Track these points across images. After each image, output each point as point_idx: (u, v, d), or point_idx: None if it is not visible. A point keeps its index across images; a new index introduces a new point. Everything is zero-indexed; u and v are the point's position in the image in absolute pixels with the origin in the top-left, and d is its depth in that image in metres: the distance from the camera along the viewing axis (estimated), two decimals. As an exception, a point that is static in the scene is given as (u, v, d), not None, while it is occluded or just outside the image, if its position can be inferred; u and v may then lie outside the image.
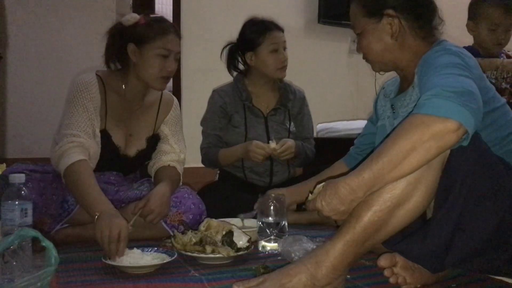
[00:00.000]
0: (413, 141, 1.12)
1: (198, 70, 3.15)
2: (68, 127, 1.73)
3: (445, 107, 1.12)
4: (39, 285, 1.08)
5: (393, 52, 1.49)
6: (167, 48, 1.80)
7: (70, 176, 1.65)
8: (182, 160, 2.00)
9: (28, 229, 1.17)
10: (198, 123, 2.41)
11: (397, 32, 1.47)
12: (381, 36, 1.49)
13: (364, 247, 1.21)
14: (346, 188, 1.19)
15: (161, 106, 2.00)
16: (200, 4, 3.17)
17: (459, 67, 1.25)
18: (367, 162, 1.18)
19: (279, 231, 1.68)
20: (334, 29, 3.56)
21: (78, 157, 1.67)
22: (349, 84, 3.69)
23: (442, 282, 1.38)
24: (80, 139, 1.72)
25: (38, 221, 1.63)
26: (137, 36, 1.80)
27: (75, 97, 1.77)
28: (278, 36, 2.30)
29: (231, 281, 1.30)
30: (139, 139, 1.92)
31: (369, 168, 1.16)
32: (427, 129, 1.11)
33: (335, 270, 1.18)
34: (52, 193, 1.71)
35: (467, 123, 1.12)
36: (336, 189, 1.20)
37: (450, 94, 1.14)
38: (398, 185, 1.17)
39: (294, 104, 2.42)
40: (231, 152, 2.28)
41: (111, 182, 1.92)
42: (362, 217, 1.18)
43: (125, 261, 1.43)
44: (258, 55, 2.30)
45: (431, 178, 1.19)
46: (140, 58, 1.81)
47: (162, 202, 1.74)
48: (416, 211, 1.21)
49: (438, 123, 1.11)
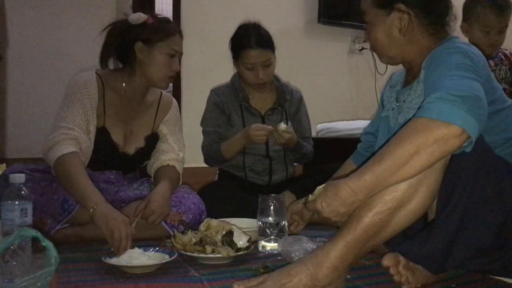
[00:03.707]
0: (417, 145, 1.11)
1: (198, 70, 3.15)
2: (63, 120, 1.75)
3: (449, 112, 1.11)
4: (39, 285, 1.08)
5: (400, 46, 1.48)
6: (174, 48, 1.85)
7: (61, 166, 1.66)
8: (181, 159, 2.00)
9: (28, 229, 1.17)
10: (198, 123, 2.41)
11: (405, 27, 1.45)
12: (389, 29, 1.47)
13: (365, 248, 1.21)
14: (347, 190, 1.18)
15: (160, 106, 2.01)
16: (200, 4, 3.17)
17: (467, 69, 1.24)
18: (369, 165, 1.17)
19: (279, 231, 1.68)
20: (334, 29, 3.56)
21: (70, 149, 1.69)
22: (349, 84, 3.69)
23: (443, 282, 1.38)
24: (74, 133, 1.73)
25: (38, 221, 1.63)
26: (146, 35, 1.82)
27: (72, 93, 1.79)
28: (253, 56, 2.21)
29: (231, 281, 1.30)
30: (138, 138, 1.93)
31: (371, 171, 1.16)
32: (431, 133, 1.11)
33: (335, 270, 1.18)
34: (52, 192, 1.71)
35: (471, 128, 1.11)
36: (337, 190, 1.19)
37: (455, 98, 1.13)
38: (400, 187, 1.17)
39: (291, 104, 2.42)
40: (232, 142, 2.27)
41: (111, 181, 1.92)
42: (363, 218, 1.18)
43: (125, 261, 1.43)
44: (238, 66, 2.31)
45: (433, 180, 1.19)
46: (148, 56, 1.83)
47: (163, 203, 1.75)
48: (418, 212, 1.21)
49: (442, 128, 1.10)
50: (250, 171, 2.36)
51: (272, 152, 2.35)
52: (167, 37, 1.83)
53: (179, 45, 1.88)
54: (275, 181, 2.38)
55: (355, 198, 1.18)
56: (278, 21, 3.19)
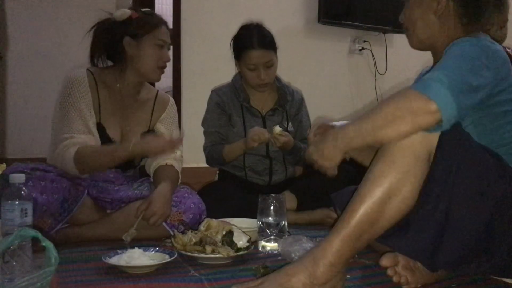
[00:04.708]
0: (394, 111, 1.19)
1: (198, 70, 3.15)
2: (61, 131, 1.78)
3: (434, 90, 1.16)
4: (39, 285, 1.08)
5: (432, 30, 1.48)
6: (162, 38, 1.88)
7: (80, 158, 1.73)
8: (179, 157, 2.01)
9: (28, 229, 1.17)
10: (198, 123, 2.41)
11: (441, 11, 1.45)
12: (425, 11, 1.48)
13: (361, 241, 1.20)
14: (331, 134, 1.30)
15: (156, 103, 2.02)
16: (200, 4, 3.17)
17: (476, 63, 1.25)
18: (357, 120, 1.26)
19: (279, 231, 1.68)
20: (334, 29, 3.56)
21: (76, 147, 1.74)
22: (349, 84, 3.69)
23: (443, 282, 1.38)
24: (74, 140, 1.76)
25: (38, 221, 1.63)
26: (132, 30, 1.86)
27: (65, 99, 1.81)
28: (255, 56, 2.22)
29: (231, 281, 1.30)
30: (134, 134, 1.94)
31: (355, 125, 1.25)
32: (409, 103, 1.17)
33: (333, 267, 1.18)
34: (53, 192, 1.71)
35: (447, 111, 1.15)
36: (326, 134, 1.33)
37: (447, 80, 1.17)
38: (388, 178, 1.19)
39: (292, 105, 2.42)
40: (234, 147, 2.28)
41: (111, 180, 1.93)
42: (355, 211, 1.19)
43: (125, 261, 1.43)
44: (240, 67, 2.31)
45: (419, 169, 1.21)
46: (137, 50, 1.86)
47: (164, 203, 1.75)
48: (407, 202, 1.21)
49: (420, 101, 1.16)
50: (250, 171, 2.36)
51: (272, 152, 2.35)
52: (153, 29, 1.87)
53: (166, 35, 1.91)
54: (275, 181, 2.38)
55: (335, 142, 1.27)
56: (278, 21, 3.18)
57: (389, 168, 1.20)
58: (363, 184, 1.22)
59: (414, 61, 2.69)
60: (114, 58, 1.92)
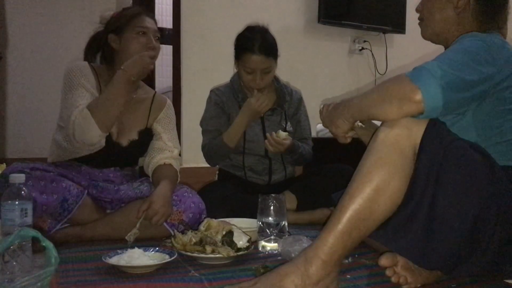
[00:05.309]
0: (384, 93, 1.27)
1: (198, 70, 3.15)
2: (72, 106, 1.78)
3: (425, 80, 1.19)
4: (39, 285, 1.08)
5: (448, 24, 1.49)
6: (141, 25, 1.90)
7: (93, 109, 1.74)
8: (176, 156, 2.02)
9: (28, 229, 1.17)
10: (197, 123, 2.41)
11: (461, 7, 1.46)
12: (445, 5, 1.49)
13: (352, 238, 1.19)
14: (340, 103, 1.45)
15: (153, 103, 2.04)
16: (200, 4, 3.17)
17: (475, 57, 1.26)
18: (361, 95, 1.37)
19: (279, 231, 1.68)
20: (334, 29, 3.56)
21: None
22: (349, 84, 3.69)
23: (442, 282, 1.38)
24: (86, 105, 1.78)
25: (38, 221, 1.63)
26: (113, 26, 1.92)
27: (71, 81, 1.84)
28: (254, 61, 2.19)
29: (231, 281, 1.30)
30: (131, 131, 1.96)
31: (358, 99, 1.38)
32: (398, 88, 1.23)
33: (325, 265, 1.17)
34: (52, 192, 1.71)
35: (431, 102, 1.19)
36: (336, 107, 1.46)
37: (441, 72, 1.19)
38: (376, 173, 1.20)
39: (290, 105, 2.41)
40: (234, 126, 2.24)
41: (111, 180, 1.93)
42: (346, 207, 1.19)
43: (125, 261, 1.43)
44: (238, 66, 2.30)
45: (405, 165, 1.22)
46: (121, 43, 1.91)
47: (165, 203, 1.75)
48: (396, 197, 1.21)
49: (407, 88, 1.21)
50: (249, 171, 2.36)
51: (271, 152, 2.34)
52: (132, 19, 1.91)
53: (148, 22, 1.93)
54: (274, 181, 2.38)
55: (342, 111, 1.42)
56: (278, 21, 3.19)
57: (376, 164, 1.21)
58: (352, 181, 1.23)
59: (414, 61, 2.69)
60: (106, 58, 1.97)
